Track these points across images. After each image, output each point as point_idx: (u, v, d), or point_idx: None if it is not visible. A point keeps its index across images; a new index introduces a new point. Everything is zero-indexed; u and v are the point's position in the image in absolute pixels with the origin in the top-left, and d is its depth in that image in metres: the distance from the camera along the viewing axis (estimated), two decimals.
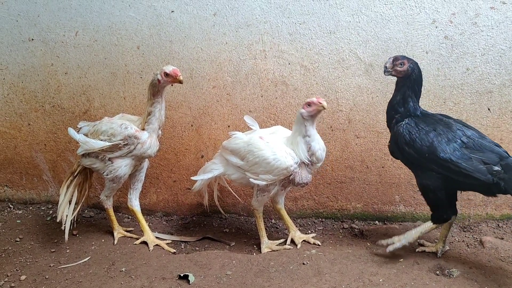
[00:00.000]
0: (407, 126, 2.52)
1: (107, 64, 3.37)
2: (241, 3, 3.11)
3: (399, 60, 2.55)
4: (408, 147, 2.50)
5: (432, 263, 2.62)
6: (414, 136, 2.47)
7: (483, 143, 2.40)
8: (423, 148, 2.43)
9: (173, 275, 2.63)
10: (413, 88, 2.59)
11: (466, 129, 2.48)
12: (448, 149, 2.37)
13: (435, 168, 2.43)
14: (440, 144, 2.39)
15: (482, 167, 2.30)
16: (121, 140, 2.75)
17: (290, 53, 3.14)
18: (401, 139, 2.53)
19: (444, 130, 2.44)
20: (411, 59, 2.58)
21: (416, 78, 2.58)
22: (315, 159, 2.69)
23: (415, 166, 2.58)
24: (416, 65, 2.58)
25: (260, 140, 2.75)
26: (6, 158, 3.75)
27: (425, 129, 2.47)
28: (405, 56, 2.58)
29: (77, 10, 3.32)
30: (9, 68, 3.54)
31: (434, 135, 2.43)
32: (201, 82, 3.28)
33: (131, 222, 3.49)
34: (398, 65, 2.56)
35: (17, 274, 2.70)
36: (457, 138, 2.40)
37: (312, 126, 2.65)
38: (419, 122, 2.51)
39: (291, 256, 2.78)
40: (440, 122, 2.50)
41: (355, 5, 3.00)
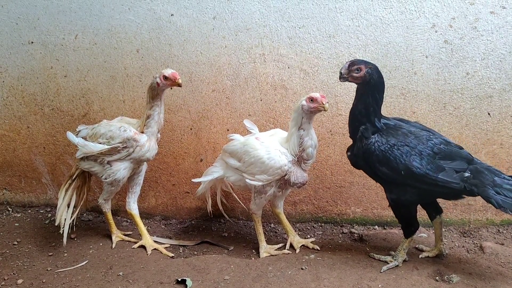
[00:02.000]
0: (378, 144, 2.40)
1: (107, 67, 3.37)
2: (240, 7, 3.11)
3: (356, 66, 2.40)
4: (381, 165, 2.41)
5: (432, 269, 2.60)
6: (387, 154, 2.37)
7: (451, 150, 2.39)
8: (398, 166, 2.35)
9: (170, 279, 2.61)
10: (373, 96, 2.44)
11: (433, 136, 2.42)
12: (423, 164, 2.32)
13: (411, 183, 2.38)
14: (414, 160, 2.33)
15: (456, 175, 2.31)
16: (119, 143, 2.74)
17: (289, 57, 3.13)
18: (373, 157, 2.41)
19: (415, 143, 2.36)
20: (370, 63, 2.43)
21: (375, 84, 2.43)
22: (305, 155, 2.68)
23: (388, 183, 2.50)
24: (375, 70, 2.42)
25: (256, 141, 2.77)
26: (5, 161, 3.75)
27: (397, 145, 2.37)
28: (362, 60, 2.44)
29: (76, 13, 3.32)
30: (8, 70, 3.54)
31: (407, 150, 2.35)
32: (201, 85, 3.28)
33: (130, 225, 3.48)
34: (354, 71, 2.41)
35: (14, 277, 2.68)
36: (428, 150, 2.35)
37: (308, 120, 2.61)
38: (389, 138, 2.40)
39: (290, 261, 2.76)
40: (409, 134, 2.41)
41: (354, 9, 3.00)
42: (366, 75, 2.40)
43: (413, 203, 2.52)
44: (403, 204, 2.49)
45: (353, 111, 2.52)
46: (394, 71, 3.05)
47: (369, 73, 2.39)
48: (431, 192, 2.43)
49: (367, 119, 2.46)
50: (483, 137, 3.06)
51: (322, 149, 3.22)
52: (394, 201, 2.51)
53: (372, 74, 2.40)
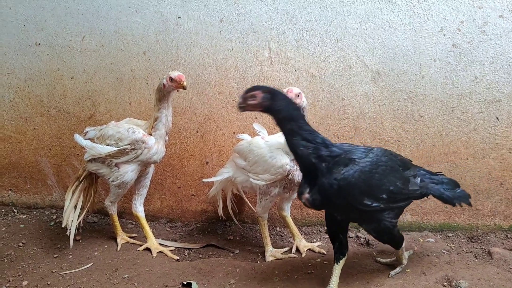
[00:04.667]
0: (359, 175, 2.07)
1: (113, 69, 3.37)
2: (247, 9, 3.11)
3: (250, 93, 2.07)
4: (366, 195, 2.11)
5: (440, 274, 2.57)
6: (370, 181, 2.10)
7: (403, 158, 2.37)
8: (381, 190, 2.13)
9: (176, 282, 2.60)
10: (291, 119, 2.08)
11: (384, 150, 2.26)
12: (398, 182, 2.19)
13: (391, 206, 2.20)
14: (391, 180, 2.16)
15: (415, 182, 2.29)
16: (128, 144, 2.74)
17: (296, 60, 3.13)
18: (355, 190, 2.08)
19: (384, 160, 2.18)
20: (267, 88, 2.09)
21: (283, 107, 2.07)
22: None
23: (367, 214, 2.20)
24: (274, 94, 2.07)
25: (261, 140, 2.79)
26: (11, 162, 3.75)
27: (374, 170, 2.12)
28: (258, 86, 2.09)
29: (84, 15, 3.33)
30: (15, 72, 3.55)
31: (382, 171, 2.14)
32: (207, 88, 3.27)
33: (135, 228, 3.47)
34: (249, 99, 2.07)
35: (19, 279, 2.68)
36: (396, 164, 2.24)
37: None
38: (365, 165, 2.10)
39: (296, 265, 2.74)
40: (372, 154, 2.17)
41: (362, 13, 2.99)
42: (262, 102, 2.06)
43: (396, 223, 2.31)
44: (388, 230, 2.29)
45: (293, 149, 2.14)
46: (401, 74, 3.03)
47: (266, 97, 2.06)
48: (400, 208, 2.30)
49: (306, 143, 2.09)
50: (491, 142, 3.03)
51: None
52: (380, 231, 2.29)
53: (272, 97, 2.06)
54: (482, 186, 3.10)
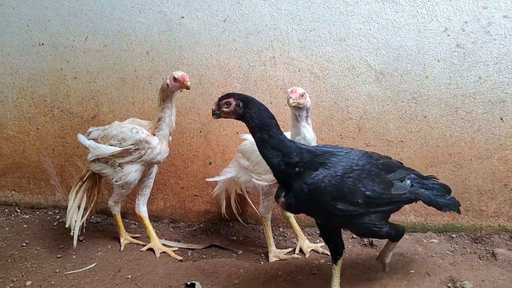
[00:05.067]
0: (328, 179, 2.02)
1: (117, 69, 3.37)
2: (251, 9, 3.10)
3: (224, 100, 2.08)
4: (338, 201, 2.04)
5: (444, 275, 2.56)
6: (341, 186, 2.03)
7: (389, 162, 2.28)
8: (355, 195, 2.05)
9: (179, 283, 2.60)
10: (261, 127, 2.05)
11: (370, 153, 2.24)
12: (376, 186, 2.10)
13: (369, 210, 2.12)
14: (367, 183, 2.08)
15: (402, 185, 2.22)
16: (131, 144, 2.73)
17: (300, 60, 3.12)
18: (326, 195, 2.02)
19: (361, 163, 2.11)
20: (242, 96, 2.09)
21: (255, 116, 2.05)
22: None
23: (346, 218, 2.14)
24: (247, 102, 2.07)
25: None
26: (14, 162, 3.75)
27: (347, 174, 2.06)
28: (233, 94, 2.10)
29: (87, 15, 3.33)
30: (19, 72, 3.55)
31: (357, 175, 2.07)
32: (210, 88, 3.27)
33: (138, 228, 3.47)
34: (223, 106, 2.08)
35: (23, 279, 2.68)
36: (375, 168, 2.15)
37: (302, 118, 2.51)
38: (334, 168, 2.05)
39: (300, 266, 2.74)
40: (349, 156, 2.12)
41: (366, 13, 2.98)
42: (236, 109, 2.06)
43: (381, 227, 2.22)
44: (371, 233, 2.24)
45: (264, 158, 2.13)
46: (405, 75, 3.02)
47: (239, 106, 2.06)
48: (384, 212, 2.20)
49: (277, 152, 2.08)
50: (495, 142, 3.02)
51: None
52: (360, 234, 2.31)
53: (244, 106, 2.06)
54: (486, 187, 3.09)
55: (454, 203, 2.39)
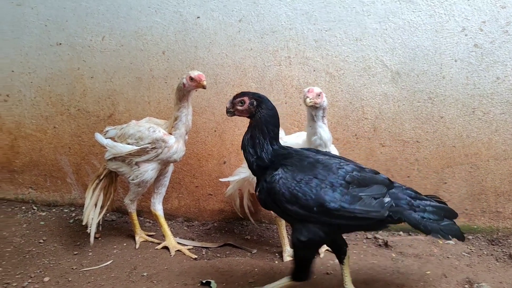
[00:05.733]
0: (283, 181, 2.05)
1: (133, 68, 3.40)
2: (267, 9, 3.11)
3: (239, 98, 2.18)
4: (291, 205, 2.05)
5: (461, 277, 2.54)
6: (295, 191, 2.02)
7: (365, 176, 2.12)
8: (309, 202, 2.02)
9: (194, 281, 2.61)
10: (261, 129, 2.15)
11: (344, 164, 2.14)
12: (336, 196, 2.00)
13: (327, 220, 2.05)
14: (326, 193, 2.01)
15: (375, 203, 2.03)
16: (148, 143, 2.76)
17: (315, 60, 3.12)
18: (280, 197, 2.06)
19: (324, 173, 2.05)
20: (256, 95, 2.19)
21: (263, 117, 2.15)
22: None
23: (302, 221, 2.11)
24: (261, 102, 2.16)
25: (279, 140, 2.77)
26: (31, 160, 3.81)
27: (304, 179, 2.04)
28: (248, 93, 2.20)
29: (104, 15, 3.36)
30: (37, 71, 3.60)
31: (316, 183, 2.03)
32: (225, 87, 3.28)
33: (153, 226, 3.49)
34: (238, 104, 2.19)
35: (41, 275, 2.72)
36: (341, 180, 2.04)
37: (318, 118, 2.53)
38: (295, 173, 2.06)
39: (315, 266, 2.73)
40: (317, 164, 2.10)
41: (382, 12, 2.97)
42: (250, 107, 2.17)
43: (323, 243, 2.24)
44: (312, 246, 2.15)
45: (242, 140, 2.24)
46: (422, 75, 3.01)
47: (253, 105, 2.16)
48: (350, 226, 2.16)
49: (254, 150, 2.18)
50: None
51: (347, 152, 3.18)
52: (304, 243, 2.12)
53: (258, 106, 2.16)
54: (504, 188, 3.06)
55: (450, 230, 2.09)
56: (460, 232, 2.14)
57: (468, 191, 3.12)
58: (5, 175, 3.92)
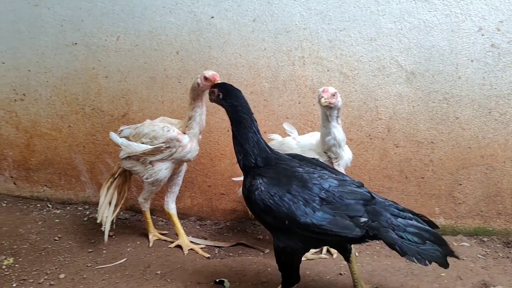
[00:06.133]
0: (258, 193, 2.10)
1: (147, 68, 3.43)
2: (281, 9, 3.11)
3: (211, 89, 2.32)
4: (265, 215, 2.12)
5: (476, 279, 2.52)
6: (269, 203, 2.07)
7: (343, 192, 2.06)
8: (281, 215, 2.05)
9: (208, 280, 2.63)
10: (235, 121, 2.21)
11: (323, 179, 2.10)
12: (307, 211, 2.00)
13: (301, 232, 2.07)
14: (298, 208, 2.02)
15: (348, 222, 1.98)
16: (163, 142, 2.77)
17: (329, 60, 3.11)
18: (256, 207, 2.14)
19: (299, 190, 2.05)
20: (225, 87, 2.29)
21: (230, 107, 2.23)
22: (332, 154, 2.64)
23: (277, 230, 2.17)
24: (225, 94, 2.23)
25: (292, 140, 2.80)
26: (46, 158, 3.86)
27: (278, 193, 2.06)
28: (219, 84, 2.36)
29: (119, 15, 3.39)
30: (52, 71, 3.65)
31: (289, 198, 2.04)
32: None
33: (165, 225, 3.51)
34: (211, 94, 2.32)
35: (56, 272, 2.75)
36: (315, 197, 2.03)
37: (333, 118, 2.52)
38: (270, 186, 2.09)
39: (328, 266, 2.73)
40: (294, 179, 2.10)
41: (397, 12, 2.95)
42: (218, 99, 2.28)
43: (299, 252, 2.18)
44: (290, 253, 2.15)
45: (234, 148, 2.29)
46: (437, 75, 2.98)
47: (219, 97, 2.26)
48: (324, 240, 2.17)
49: (240, 147, 2.23)
50: None
51: (360, 153, 3.17)
52: (282, 249, 2.15)
53: (223, 98, 2.24)
54: None
55: (429, 255, 1.95)
56: (441, 259, 1.97)
57: (483, 192, 3.08)
58: (21, 173, 3.97)
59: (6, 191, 4.06)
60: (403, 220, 2.03)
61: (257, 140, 2.21)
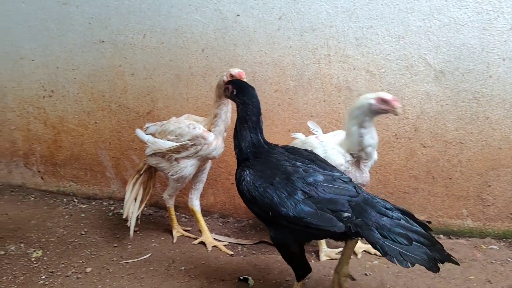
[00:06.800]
0: (245, 184, 2.17)
1: (172, 66, 3.45)
2: (307, 7, 3.09)
3: (226, 85, 2.39)
4: (252, 205, 2.19)
5: (506, 283, 2.46)
6: (254, 193, 2.12)
7: (327, 186, 2.05)
8: (265, 206, 2.09)
9: (231, 277, 2.63)
10: (241, 118, 2.29)
11: (307, 174, 2.09)
12: (289, 204, 2.02)
13: (286, 224, 2.08)
14: (280, 199, 2.04)
15: (330, 216, 1.97)
16: (188, 140, 2.79)
17: (355, 58, 3.07)
18: (243, 197, 2.22)
19: (282, 183, 2.07)
20: (238, 82, 2.39)
21: (240, 105, 2.29)
22: (364, 155, 2.59)
23: (267, 222, 2.21)
24: (239, 91, 2.30)
25: (315, 139, 2.75)
26: (73, 154, 3.93)
27: (262, 185, 2.11)
28: (233, 81, 2.42)
29: (146, 13, 3.43)
30: (80, 68, 3.71)
31: (272, 190, 2.08)
32: (264, 85, 3.28)
33: (188, 222, 3.54)
34: (226, 90, 2.40)
35: (83, 266, 2.80)
36: (297, 190, 2.04)
37: (371, 120, 2.48)
38: (256, 177, 2.14)
39: (352, 266, 2.70)
40: (278, 172, 2.12)
41: (426, 9, 2.90)
42: (232, 96, 2.35)
43: (291, 243, 2.18)
44: (284, 245, 2.19)
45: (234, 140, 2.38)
46: (467, 74, 2.91)
47: (233, 94, 2.34)
48: (312, 234, 2.12)
49: (238, 141, 2.33)
50: None
51: (386, 153, 3.13)
52: (275, 241, 2.21)
53: (237, 95, 2.31)
54: None
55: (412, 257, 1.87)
56: (428, 262, 1.87)
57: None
58: (48, 168, 4.07)
59: (33, 185, 4.17)
60: (389, 219, 1.98)
61: (257, 140, 2.29)
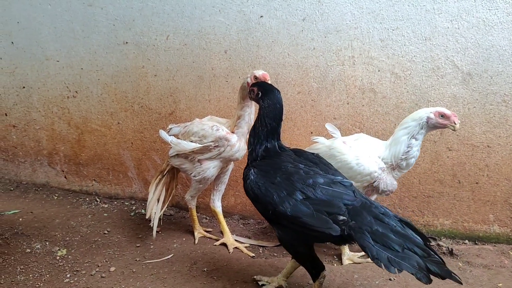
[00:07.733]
0: (249, 182, 2.25)
1: (195, 67, 3.46)
2: (331, 8, 3.06)
3: (251, 87, 2.43)
4: (256, 203, 2.27)
5: None
6: (257, 191, 2.20)
7: (326, 189, 2.08)
8: (266, 204, 2.16)
9: (254, 279, 2.62)
10: (262, 119, 2.32)
11: (308, 176, 2.14)
12: (286, 204, 2.07)
13: (285, 223, 2.14)
14: (280, 198, 2.10)
15: (326, 218, 2.00)
16: (212, 141, 2.80)
17: (380, 60, 3.04)
18: (248, 195, 2.29)
19: (282, 182, 2.14)
20: (264, 87, 2.38)
21: (263, 108, 2.32)
22: (405, 165, 2.57)
23: (271, 221, 2.27)
24: (264, 94, 2.33)
25: (343, 145, 2.69)
26: (96, 154, 3.98)
27: (265, 184, 2.18)
28: (259, 83, 2.44)
29: (169, 15, 3.45)
30: (103, 69, 3.76)
31: (273, 189, 2.14)
32: (286, 87, 3.27)
33: (209, 223, 3.55)
34: (250, 93, 2.45)
35: (107, 265, 2.83)
36: (296, 190, 2.09)
37: (425, 133, 2.53)
38: (259, 177, 2.22)
39: (376, 271, 2.67)
40: (280, 172, 2.18)
41: (454, 11, 2.84)
42: (256, 98, 2.39)
43: (296, 243, 2.21)
44: (290, 244, 2.25)
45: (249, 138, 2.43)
46: (496, 76, 2.85)
47: (258, 96, 2.37)
48: (307, 235, 2.14)
49: (253, 141, 2.37)
50: None
51: None
52: (280, 239, 2.28)
53: (261, 98, 2.34)
54: None
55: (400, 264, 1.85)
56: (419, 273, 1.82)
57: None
58: (72, 167, 4.12)
59: (57, 184, 4.23)
60: (383, 224, 1.98)
61: (272, 146, 2.34)
